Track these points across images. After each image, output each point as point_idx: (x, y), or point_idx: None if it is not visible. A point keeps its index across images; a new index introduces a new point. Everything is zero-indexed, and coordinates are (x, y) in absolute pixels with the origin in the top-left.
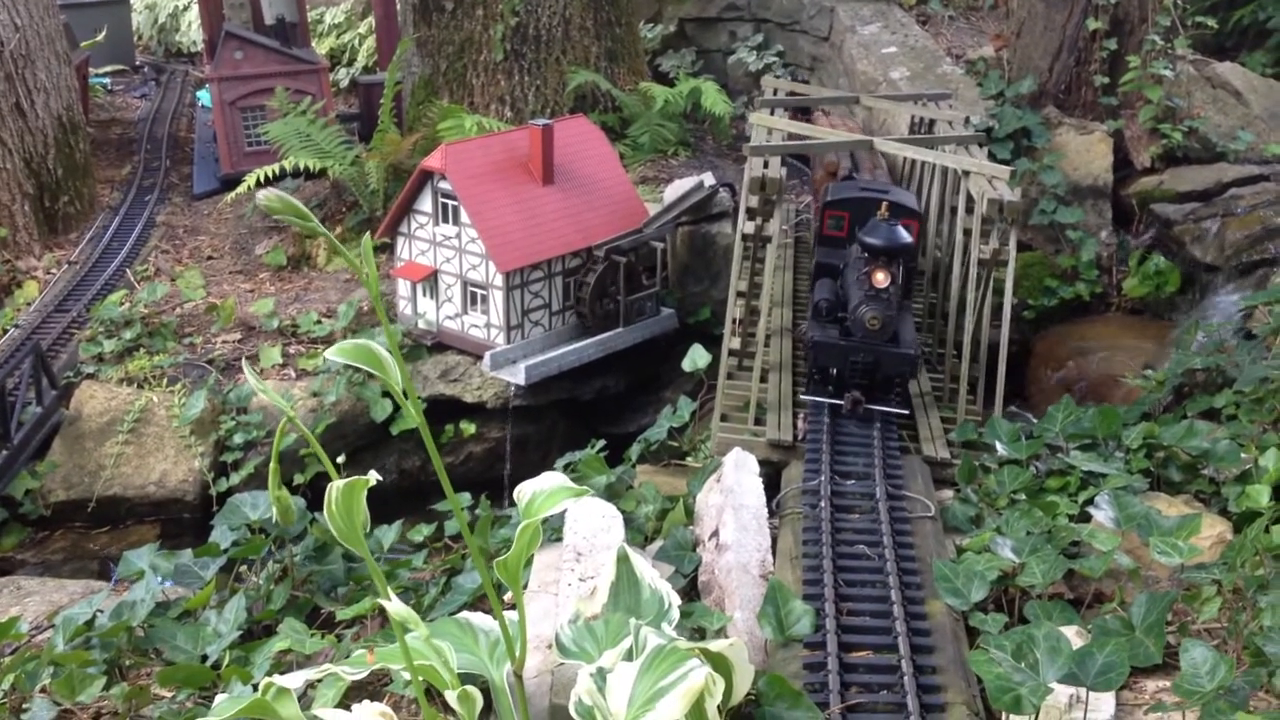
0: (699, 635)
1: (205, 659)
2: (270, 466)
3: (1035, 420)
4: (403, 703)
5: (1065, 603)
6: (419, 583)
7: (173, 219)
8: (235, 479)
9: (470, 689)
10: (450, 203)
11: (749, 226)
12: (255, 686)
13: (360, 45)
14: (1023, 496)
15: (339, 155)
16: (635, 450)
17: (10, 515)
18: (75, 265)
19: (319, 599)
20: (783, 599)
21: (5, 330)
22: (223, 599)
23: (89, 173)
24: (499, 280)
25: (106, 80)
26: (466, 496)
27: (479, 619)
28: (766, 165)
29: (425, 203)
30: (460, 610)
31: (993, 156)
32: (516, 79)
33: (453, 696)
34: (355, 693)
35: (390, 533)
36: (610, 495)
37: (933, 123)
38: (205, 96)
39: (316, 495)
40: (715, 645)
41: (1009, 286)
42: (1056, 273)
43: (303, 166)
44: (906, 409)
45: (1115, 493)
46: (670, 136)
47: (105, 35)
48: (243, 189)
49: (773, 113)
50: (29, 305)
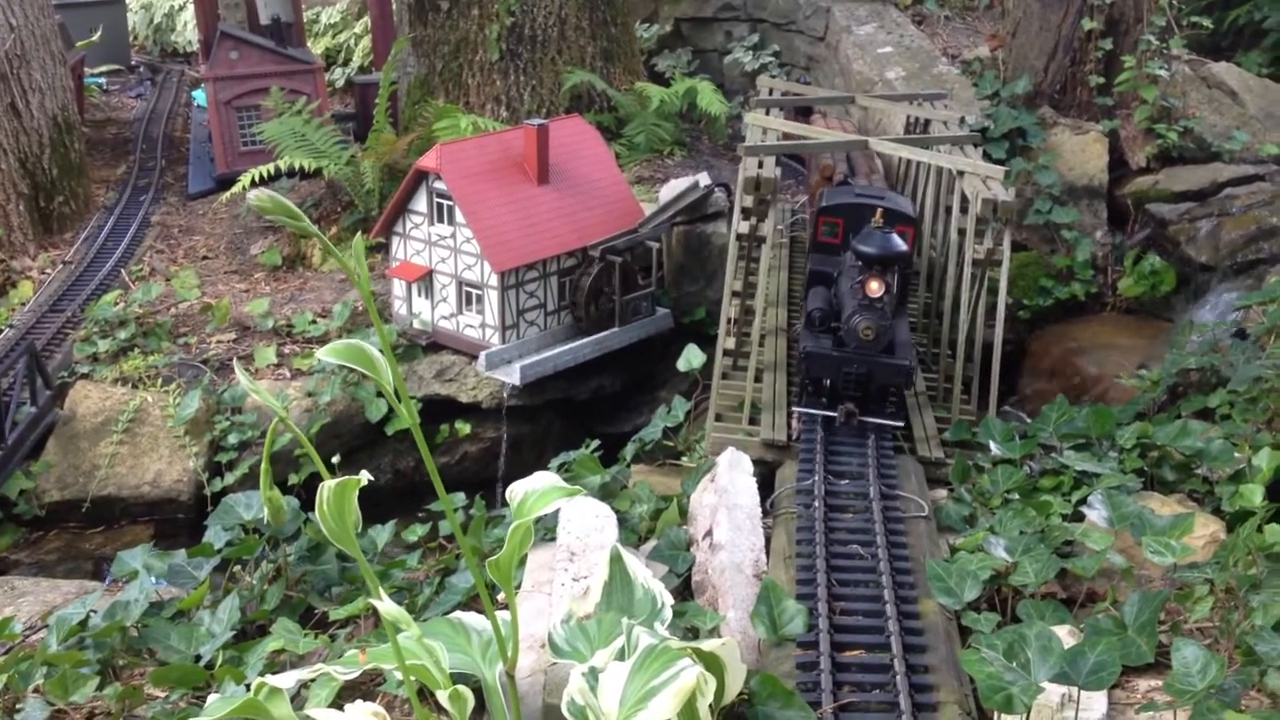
0: (692, 635)
1: (199, 659)
2: (262, 466)
3: (1029, 420)
4: (396, 703)
5: (1058, 602)
6: (413, 583)
7: (168, 219)
8: (230, 479)
9: (462, 688)
10: (445, 202)
11: (744, 226)
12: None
13: (356, 45)
14: (1016, 496)
15: (334, 155)
16: (630, 450)
17: (4, 515)
18: (70, 265)
19: (313, 599)
20: (776, 598)
21: (0, 330)
22: (216, 599)
23: (84, 173)
24: (494, 280)
25: (102, 80)
26: (461, 496)
27: (472, 619)
28: (761, 165)
29: (420, 202)
30: (454, 610)
31: (988, 156)
32: (512, 79)
33: (445, 696)
34: (348, 693)
35: (384, 533)
36: (604, 495)
37: (928, 122)
38: (200, 96)
39: (311, 495)
40: (707, 645)
41: (1003, 286)
42: (1052, 272)
43: (298, 166)
44: (902, 421)
45: (1109, 492)
46: (666, 136)
47: (100, 35)
48: (238, 189)
49: (768, 112)
50: (24, 305)
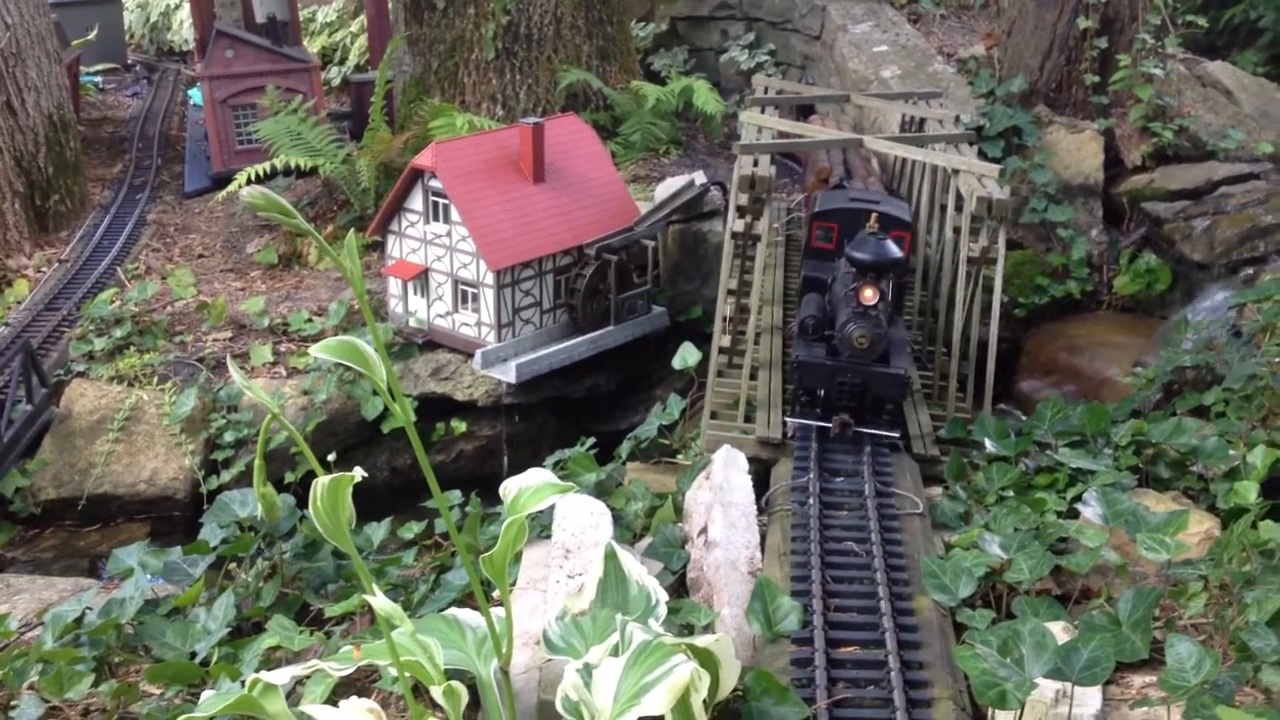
0: (687, 631)
1: (194, 656)
2: (255, 463)
3: (1024, 417)
4: (391, 699)
5: (1052, 598)
6: (408, 580)
7: (164, 217)
8: (226, 477)
9: (456, 684)
10: (441, 201)
11: (739, 224)
12: (244, 683)
13: (352, 44)
14: (1011, 493)
15: (330, 153)
16: (625, 448)
17: (1, 513)
18: (66, 263)
19: (308, 596)
20: (770, 595)
21: None
22: (212, 596)
23: (80, 171)
24: (490, 278)
25: (98, 78)
26: (456, 494)
27: (466, 615)
28: (756, 163)
29: (416, 201)
30: (449, 607)
31: (983, 155)
32: (508, 77)
33: (439, 692)
34: (343, 689)
35: (380, 530)
36: (600, 492)
37: (923, 121)
38: (196, 95)
39: (307, 493)
40: (701, 641)
41: (998, 284)
42: (1047, 271)
43: (294, 165)
44: (898, 431)
45: (1103, 489)
46: (662, 135)
47: (97, 33)
48: (234, 187)
49: (764, 111)
50: (19, 303)
